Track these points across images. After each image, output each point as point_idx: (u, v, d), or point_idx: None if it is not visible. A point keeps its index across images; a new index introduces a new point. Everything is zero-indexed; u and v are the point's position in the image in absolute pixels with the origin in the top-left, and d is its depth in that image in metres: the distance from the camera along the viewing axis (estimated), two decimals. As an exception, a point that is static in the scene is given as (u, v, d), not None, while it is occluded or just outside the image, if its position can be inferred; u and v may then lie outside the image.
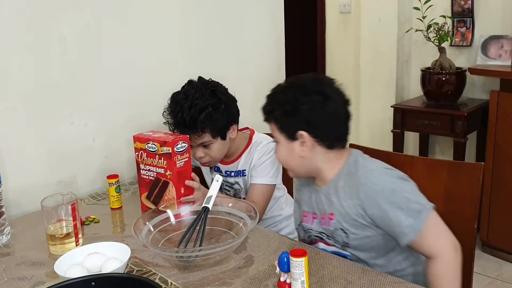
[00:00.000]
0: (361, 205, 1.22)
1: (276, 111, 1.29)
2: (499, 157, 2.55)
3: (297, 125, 1.26)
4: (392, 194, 1.19)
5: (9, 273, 1.23)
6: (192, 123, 1.53)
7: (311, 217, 1.36)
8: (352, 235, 1.25)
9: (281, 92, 1.31)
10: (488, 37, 2.83)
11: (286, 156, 1.31)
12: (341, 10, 3.53)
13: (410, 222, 1.17)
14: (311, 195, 1.37)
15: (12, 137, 1.61)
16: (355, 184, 1.24)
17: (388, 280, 1.13)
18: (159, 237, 1.33)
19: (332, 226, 1.28)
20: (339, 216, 1.26)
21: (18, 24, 1.57)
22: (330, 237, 1.30)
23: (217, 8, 2.12)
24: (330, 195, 1.29)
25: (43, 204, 1.32)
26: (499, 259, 2.64)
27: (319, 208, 1.33)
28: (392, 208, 1.18)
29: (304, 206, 1.40)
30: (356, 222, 1.24)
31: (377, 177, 1.23)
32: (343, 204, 1.26)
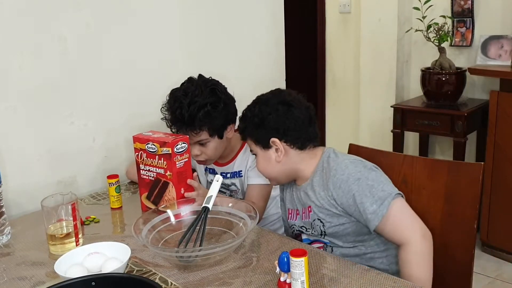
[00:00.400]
0: (331, 195, 1.32)
1: (248, 127, 1.41)
2: (499, 157, 2.55)
3: (268, 134, 1.37)
4: (357, 183, 1.28)
5: (9, 273, 1.23)
6: (191, 120, 1.53)
7: (294, 213, 1.47)
8: (328, 223, 1.35)
9: (248, 109, 1.42)
10: (488, 37, 2.83)
11: (266, 165, 1.41)
12: (341, 10, 3.53)
13: (374, 209, 1.25)
14: (293, 193, 1.47)
15: (12, 137, 1.61)
16: (326, 176, 1.34)
17: (388, 280, 1.13)
18: (159, 237, 1.33)
19: (310, 217, 1.39)
20: (315, 208, 1.36)
21: (18, 24, 1.57)
22: (308, 229, 1.41)
23: (217, 8, 2.12)
24: (307, 190, 1.39)
25: (43, 204, 1.32)
26: (499, 259, 2.64)
27: (301, 204, 1.43)
28: (357, 195, 1.28)
29: (288, 204, 1.50)
30: (330, 212, 1.33)
31: (343, 168, 1.32)
32: (317, 196, 1.35)
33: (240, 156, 1.71)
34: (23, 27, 1.58)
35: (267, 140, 1.38)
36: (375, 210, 1.25)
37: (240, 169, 1.71)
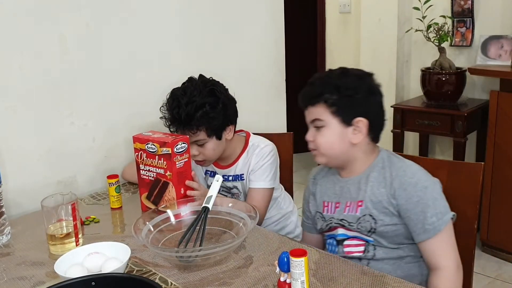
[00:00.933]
0: (393, 194, 1.27)
1: (332, 94, 1.31)
2: (499, 157, 2.55)
3: (356, 111, 1.31)
4: (424, 191, 1.25)
5: (9, 273, 1.23)
6: (188, 120, 1.53)
7: (333, 206, 1.41)
8: (380, 221, 1.29)
9: (339, 77, 1.34)
10: (488, 37, 2.83)
11: (334, 140, 1.33)
12: (341, 10, 3.54)
13: (433, 221, 1.23)
14: (334, 186, 1.41)
15: (12, 137, 1.61)
16: (390, 174, 1.30)
17: (388, 280, 1.13)
18: (159, 237, 1.33)
19: (360, 212, 1.33)
20: (369, 203, 1.31)
21: (18, 24, 1.57)
22: (352, 223, 1.34)
23: (217, 8, 2.12)
24: (360, 184, 1.34)
25: (43, 204, 1.32)
26: (499, 259, 2.65)
27: (345, 197, 1.37)
28: (420, 203, 1.24)
29: (324, 197, 1.44)
30: (386, 210, 1.29)
31: (413, 172, 1.29)
32: (375, 192, 1.30)
33: (242, 160, 1.70)
34: (23, 27, 1.58)
35: (353, 117, 1.31)
36: (433, 222, 1.23)
37: (242, 173, 1.70)
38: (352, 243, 1.36)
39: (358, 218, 1.33)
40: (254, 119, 2.19)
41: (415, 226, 1.25)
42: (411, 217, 1.25)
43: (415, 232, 1.26)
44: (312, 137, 1.37)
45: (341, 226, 1.37)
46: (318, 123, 1.34)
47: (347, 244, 1.36)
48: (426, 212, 1.23)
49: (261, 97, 2.37)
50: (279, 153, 1.74)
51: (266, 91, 2.40)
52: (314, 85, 1.36)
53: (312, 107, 1.35)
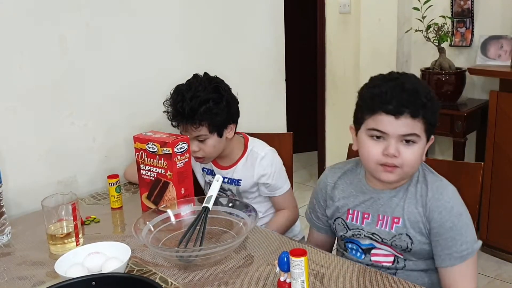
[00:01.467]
0: (428, 215, 1.23)
1: (429, 109, 1.17)
2: (499, 157, 2.55)
3: (435, 128, 1.23)
4: (459, 217, 1.21)
5: (9, 273, 1.23)
6: (191, 114, 1.54)
7: (360, 216, 1.33)
8: (417, 241, 1.25)
9: (424, 89, 1.19)
10: (487, 37, 2.83)
11: (419, 158, 1.22)
12: (341, 10, 3.53)
13: (462, 249, 1.20)
14: (364, 195, 1.32)
15: (12, 137, 1.61)
16: (426, 193, 1.24)
17: (388, 280, 1.14)
18: (159, 236, 1.33)
19: (395, 230, 1.26)
20: (408, 222, 1.25)
21: (18, 24, 1.57)
22: (385, 239, 1.28)
23: (217, 8, 2.12)
24: (397, 199, 1.27)
25: (43, 204, 1.32)
26: (499, 259, 2.65)
27: (377, 209, 1.29)
28: (453, 229, 1.20)
29: (349, 204, 1.35)
30: (422, 230, 1.24)
31: (450, 195, 1.23)
32: (413, 210, 1.24)
33: (241, 164, 1.70)
34: (23, 27, 1.58)
35: (433, 132, 1.23)
36: (462, 251, 1.20)
37: (240, 178, 1.71)
38: (381, 253, 1.31)
39: (393, 236, 1.26)
40: (254, 119, 2.19)
41: (441, 251, 1.22)
42: (440, 242, 1.21)
43: (440, 256, 1.22)
44: (398, 152, 1.18)
45: (371, 239, 1.31)
46: (411, 138, 1.18)
47: (375, 253, 1.32)
48: (456, 240, 1.20)
49: (261, 97, 2.37)
50: (279, 153, 1.74)
51: (266, 91, 2.40)
52: (419, 93, 1.17)
53: (411, 119, 1.16)
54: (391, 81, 1.20)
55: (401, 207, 1.26)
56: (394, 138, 1.18)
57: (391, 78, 1.22)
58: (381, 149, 1.19)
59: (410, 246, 1.25)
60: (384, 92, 1.17)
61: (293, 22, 3.20)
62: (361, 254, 1.34)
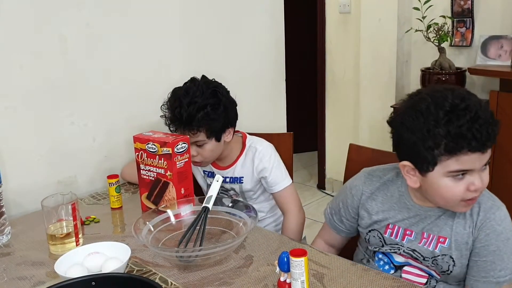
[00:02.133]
0: (475, 236, 1.17)
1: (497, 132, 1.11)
2: (499, 157, 2.55)
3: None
4: (505, 242, 1.16)
5: (9, 273, 1.23)
6: (189, 120, 1.53)
7: (401, 232, 1.26)
8: (459, 264, 1.19)
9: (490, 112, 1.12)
10: (487, 37, 2.83)
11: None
12: (341, 10, 3.53)
13: (500, 275, 1.15)
14: (406, 210, 1.26)
15: (12, 137, 1.61)
16: (478, 213, 1.18)
17: (388, 280, 1.13)
18: (159, 237, 1.33)
19: (439, 249, 1.21)
20: (453, 243, 1.19)
21: (18, 24, 1.57)
22: (427, 258, 1.22)
23: (217, 8, 2.12)
24: (446, 217, 1.21)
25: (43, 204, 1.32)
26: (499, 259, 2.64)
27: (421, 227, 1.23)
28: (496, 253, 1.15)
29: (390, 219, 1.27)
30: (467, 252, 1.19)
31: (502, 219, 1.17)
32: (461, 231, 1.19)
33: (240, 162, 1.70)
34: (23, 27, 1.58)
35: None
36: (499, 276, 1.14)
37: (241, 176, 1.70)
38: (414, 272, 1.26)
39: (436, 256, 1.21)
40: (254, 119, 2.19)
41: (477, 273, 1.17)
42: (478, 263, 1.16)
43: (474, 278, 1.17)
44: (482, 182, 1.12)
45: (410, 257, 1.25)
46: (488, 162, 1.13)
47: (407, 270, 1.27)
48: (496, 264, 1.14)
49: (261, 97, 2.37)
50: (279, 153, 1.74)
51: (266, 91, 2.40)
52: (493, 121, 1.10)
53: (489, 149, 1.10)
54: (463, 113, 1.07)
55: (449, 227, 1.20)
56: (478, 171, 1.11)
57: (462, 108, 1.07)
58: (465, 185, 1.11)
59: (452, 268, 1.20)
60: (464, 130, 1.05)
61: (293, 22, 3.20)
62: (391, 268, 1.30)
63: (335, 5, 3.57)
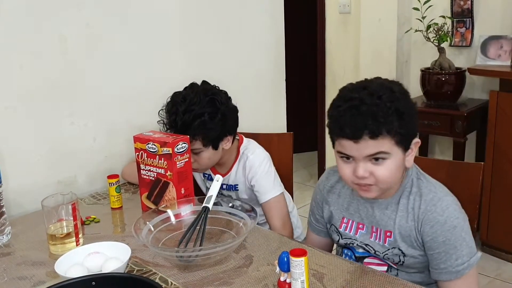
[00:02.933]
0: (419, 229, 1.20)
1: (393, 122, 1.11)
2: (499, 157, 2.55)
3: (413, 133, 1.18)
4: (452, 231, 1.16)
5: (9, 273, 1.23)
6: (184, 128, 1.50)
7: (354, 226, 1.31)
8: (409, 254, 1.22)
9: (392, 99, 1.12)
10: (487, 37, 2.83)
11: (395, 172, 1.17)
12: (341, 10, 3.54)
13: (458, 263, 1.16)
14: (357, 205, 1.30)
15: (12, 137, 1.61)
16: (418, 206, 1.20)
17: (388, 280, 1.14)
18: (159, 236, 1.33)
19: (388, 243, 1.24)
20: (399, 237, 1.22)
21: (18, 24, 1.57)
22: (378, 252, 1.26)
23: (217, 9, 2.13)
24: (389, 211, 1.24)
25: (43, 204, 1.32)
26: (499, 259, 2.65)
27: (370, 221, 1.28)
28: (446, 244, 1.16)
29: (344, 212, 1.33)
30: (414, 244, 1.21)
31: (443, 208, 1.18)
32: (404, 224, 1.22)
33: (234, 169, 1.68)
34: (23, 27, 1.58)
35: (411, 140, 1.17)
36: (457, 265, 1.16)
37: (236, 183, 1.69)
38: (374, 262, 1.30)
39: (386, 250, 1.25)
40: (254, 119, 2.19)
41: (436, 265, 1.19)
42: (434, 256, 1.18)
43: (436, 270, 1.19)
44: (368, 172, 1.15)
45: (365, 250, 1.29)
46: (381, 156, 1.13)
47: (368, 261, 1.30)
48: (451, 254, 1.16)
49: (261, 97, 2.37)
50: (279, 153, 1.74)
51: (266, 91, 2.40)
52: (375, 114, 1.10)
53: (372, 140, 1.11)
54: (348, 101, 1.12)
55: (392, 220, 1.23)
56: (360, 160, 1.14)
57: (349, 97, 1.13)
58: (351, 169, 1.16)
59: (402, 259, 1.24)
60: (340, 116, 1.13)
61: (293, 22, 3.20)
62: (354, 260, 1.33)
63: (335, 5, 3.57)
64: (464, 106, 2.84)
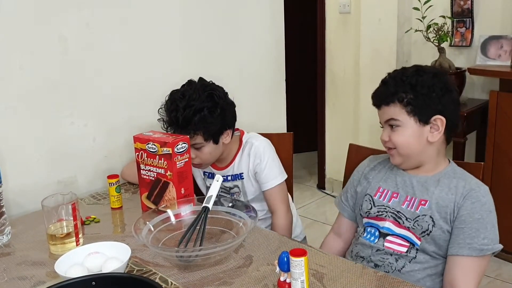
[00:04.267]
0: (459, 203, 1.27)
1: (407, 93, 1.30)
2: (499, 157, 2.55)
3: (434, 109, 1.29)
4: (488, 214, 1.27)
5: (9, 273, 1.23)
6: (185, 124, 1.52)
7: (389, 194, 1.39)
8: (439, 225, 1.29)
9: (413, 75, 1.32)
10: (487, 37, 2.83)
11: (411, 139, 1.32)
12: (341, 10, 3.53)
13: (483, 243, 1.24)
14: (395, 177, 1.40)
15: (12, 137, 1.61)
16: (463, 186, 1.30)
17: (388, 280, 1.14)
18: (159, 236, 1.33)
19: (420, 211, 1.32)
20: (434, 205, 1.30)
21: (18, 24, 1.57)
22: (409, 219, 1.33)
23: (217, 9, 2.13)
24: (428, 184, 1.34)
25: (43, 204, 1.32)
26: (499, 259, 2.64)
27: (406, 191, 1.36)
28: (480, 221, 1.25)
29: (381, 182, 1.43)
30: (447, 216, 1.28)
31: (486, 192, 1.30)
32: (443, 196, 1.30)
33: (238, 158, 1.70)
34: (23, 27, 1.58)
35: (431, 115, 1.30)
36: (482, 244, 1.24)
37: (241, 172, 1.70)
38: (396, 241, 1.34)
39: (417, 216, 1.31)
40: (254, 119, 2.19)
41: (463, 240, 1.24)
42: (464, 230, 1.25)
43: (459, 244, 1.24)
44: (387, 136, 1.36)
45: (394, 219, 1.35)
46: (393, 122, 1.33)
47: (390, 240, 1.35)
48: (480, 232, 1.24)
49: (261, 97, 2.37)
50: (279, 153, 1.74)
51: (266, 91, 2.40)
52: (388, 84, 1.35)
53: (387, 107, 1.34)
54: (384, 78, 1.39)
55: (431, 192, 1.32)
56: (385, 126, 1.38)
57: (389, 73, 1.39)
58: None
59: (431, 228, 1.29)
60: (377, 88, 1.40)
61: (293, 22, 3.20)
62: (375, 238, 1.37)
63: (335, 5, 3.57)
64: (464, 106, 2.84)
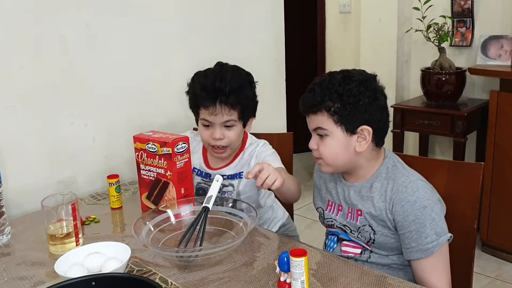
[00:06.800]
0: (390, 209, 1.26)
1: (335, 102, 1.24)
2: (499, 157, 2.55)
3: (360, 119, 1.25)
4: (422, 210, 1.22)
5: (9, 273, 1.23)
6: (230, 94, 1.49)
7: (335, 208, 1.40)
8: (379, 232, 1.29)
9: (340, 83, 1.25)
10: (488, 37, 2.83)
11: (338, 150, 1.28)
12: (341, 10, 3.54)
13: (427, 241, 1.21)
14: (337, 187, 1.39)
15: (12, 137, 1.61)
16: (391, 189, 1.27)
17: (388, 280, 1.14)
18: (159, 237, 1.33)
19: (360, 222, 1.32)
20: (368, 216, 1.30)
21: (18, 24, 1.57)
22: (353, 231, 1.34)
23: (217, 8, 2.13)
24: (362, 192, 1.32)
25: (43, 204, 1.32)
26: (499, 259, 2.65)
27: (347, 202, 1.36)
28: (416, 222, 1.22)
29: (328, 195, 1.43)
30: (383, 223, 1.28)
31: (414, 189, 1.24)
32: (375, 204, 1.29)
33: (239, 158, 1.67)
34: (23, 27, 1.58)
35: (357, 125, 1.25)
36: (427, 243, 1.21)
37: (241, 170, 1.69)
38: (351, 244, 1.37)
39: (359, 228, 1.32)
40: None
41: (408, 244, 1.24)
42: (406, 235, 1.24)
43: (408, 249, 1.25)
44: (316, 145, 1.33)
45: (344, 231, 1.37)
46: (320, 132, 1.29)
47: (345, 243, 1.38)
48: (421, 232, 1.22)
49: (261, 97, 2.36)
50: (279, 153, 1.74)
51: (266, 91, 2.40)
52: (315, 92, 1.28)
53: (314, 115, 1.29)
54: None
55: (365, 200, 1.31)
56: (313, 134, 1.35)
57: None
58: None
59: (373, 236, 1.30)
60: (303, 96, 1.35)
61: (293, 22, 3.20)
62: (334, 243, 1.40)
63: (335, 5, 3.57)
64: (464, 106, 2.84)
